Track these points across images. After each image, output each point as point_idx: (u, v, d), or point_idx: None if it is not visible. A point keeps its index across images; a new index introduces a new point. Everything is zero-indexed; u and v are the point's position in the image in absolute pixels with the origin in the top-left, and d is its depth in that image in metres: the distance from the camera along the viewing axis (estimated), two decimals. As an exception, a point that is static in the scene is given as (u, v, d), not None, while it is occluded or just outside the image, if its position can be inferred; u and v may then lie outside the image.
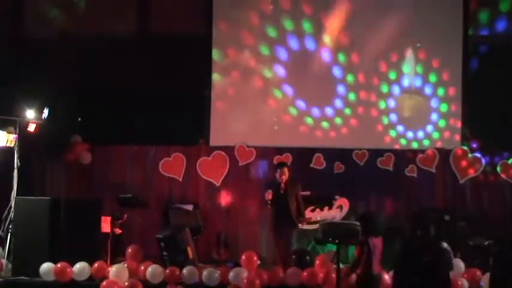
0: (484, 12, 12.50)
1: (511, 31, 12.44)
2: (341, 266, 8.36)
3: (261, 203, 11.65)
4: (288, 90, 12.72)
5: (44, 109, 10.58)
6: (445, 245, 7.45)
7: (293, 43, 12.68)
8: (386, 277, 8.54)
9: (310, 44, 12.67)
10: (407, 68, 12.52)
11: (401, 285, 7.28)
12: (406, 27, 12.53)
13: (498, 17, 12.48)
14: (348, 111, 12.59)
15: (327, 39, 12.67)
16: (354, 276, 8.23)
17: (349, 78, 12.60)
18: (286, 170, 10.48)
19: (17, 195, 10.22)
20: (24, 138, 10.47)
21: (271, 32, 12.73)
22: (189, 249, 10.25)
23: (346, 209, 11.80)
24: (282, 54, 12.73)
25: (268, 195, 10.19)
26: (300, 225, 10.60)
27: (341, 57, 12.63)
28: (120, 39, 12.93)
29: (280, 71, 12.74)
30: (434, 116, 12.49)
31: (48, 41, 12.55)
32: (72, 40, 12.65)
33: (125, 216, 11.39)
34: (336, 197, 11.85)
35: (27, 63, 11.73)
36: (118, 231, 11.05)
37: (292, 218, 10.28)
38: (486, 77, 12.29)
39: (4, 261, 9.95)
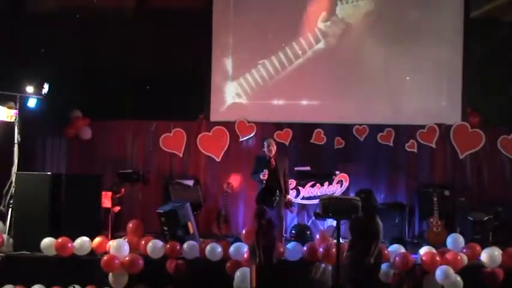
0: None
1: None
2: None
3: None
4: (289, 65, 12.67)
5: (44, 84, 10.54)
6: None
7: (294, 18, 12.63)
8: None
9: (311, 19, 12.63)
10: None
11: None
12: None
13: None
14: (348, 86, 12.55)
15: (327, 16, 12.64)
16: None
17: (349, 53, 12.57)
18: (273, 142, 10.54)
19: (17, 170, 10.22)
20: (24, 113, 10.46)
21: (273, 6, 12.66)
22: (189, 224, 10.28)
23: (346, 184, 11.82)
24: (283, 28, 12.67)
25: (265, 175, 10.19)
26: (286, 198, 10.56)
27: (343, 34, 12.59)
28: (121, 13, 12.86)
29: (281, 45, 12.68)
30: (434, 91, 12.47)
31: (48, 16, 12.47)
32: (73, 15, 12.58)
33: (123, 190, 11.42)
34: (336, 172, 11.86)
35: (27, 38, 11.67)
36: (116, 209, 11.06)
37: (281, 192, 10.32)
38: (487, 52, 12.25)
39: (5, 236, 9.99)
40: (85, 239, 9.79)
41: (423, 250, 9.50)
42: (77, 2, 12.71)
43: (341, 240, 8.43)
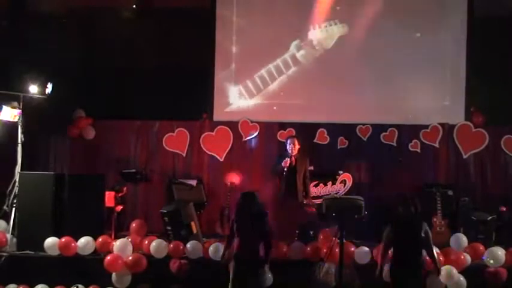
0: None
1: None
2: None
3: (263, 177, 11.79)
4: (293, 65, 12.66)
5: (47, 84, 10.56)
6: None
7: (297, 17, 12.63)
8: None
9: (312, 19, 12.61)
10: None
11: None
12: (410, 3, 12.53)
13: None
14: (351, 86, 12.53)
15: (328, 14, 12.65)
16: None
17: (351, 53, 12.56)
18: (297, 141, 10.50)
19: (21, 170, 10.25)
20: (28, 113, 10.47)
21: (276, 6, 12.66)
22: (192, 223, 10.28)
23: (349, 184, 11.80)
24: (287, 28, 12.66)
25: (286, 162, 10.16)
26: (304, 201, 10.53)
27: (345, 34, 12.58)
28: (124, 13, 12.86)
29: (285, 45, 12.67)
30: (438, 91, 12.46)
31: (51, 15, 12.49)
32: (75, 14, 12.60)
33: (125, 189, 11.42)
34: (340, 172, 11.84)
35: (30, 37, 11.68)
36: (119, 208, 11.06)
37: (298, 193, 10.29)
38: (491, 51, 12.21)
39: (9, 235, 10.00)
40: (88, 238, 9.81)
41: (426, 250, 9.47)
42: (78, 1, 12.71)
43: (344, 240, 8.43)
